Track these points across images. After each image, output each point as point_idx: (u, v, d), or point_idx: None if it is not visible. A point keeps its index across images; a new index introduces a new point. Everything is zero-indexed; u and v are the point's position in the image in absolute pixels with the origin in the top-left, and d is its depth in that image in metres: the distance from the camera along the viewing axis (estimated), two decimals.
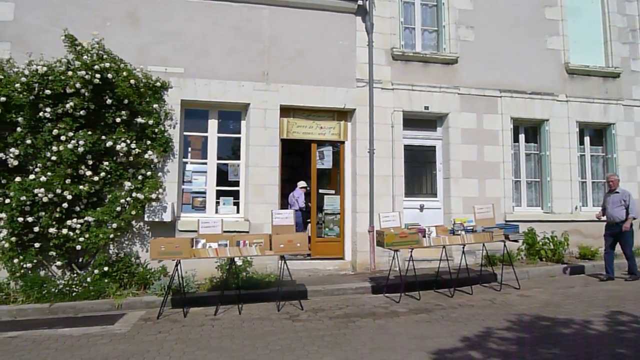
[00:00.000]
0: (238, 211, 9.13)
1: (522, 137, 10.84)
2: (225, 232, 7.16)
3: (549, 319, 6.13)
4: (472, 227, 7.78)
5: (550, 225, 10.06)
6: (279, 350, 5.16)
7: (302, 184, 11.09)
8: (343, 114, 9.85)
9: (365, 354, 4.97)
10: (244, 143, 9.25)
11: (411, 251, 7.46)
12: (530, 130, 10.95)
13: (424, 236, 7.47)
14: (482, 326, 5.85)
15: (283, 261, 7.14)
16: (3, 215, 7.41)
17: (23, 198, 7.28)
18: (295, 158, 11.61)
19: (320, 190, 9.99)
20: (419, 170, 10.32)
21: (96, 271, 7.65)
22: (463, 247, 7.84)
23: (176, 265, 6.77)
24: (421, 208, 10.00)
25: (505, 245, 8.09)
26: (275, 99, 9.15)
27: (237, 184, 9.23)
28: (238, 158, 9.30)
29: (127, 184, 7.91)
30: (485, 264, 8.79)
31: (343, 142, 9.91)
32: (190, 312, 6.83)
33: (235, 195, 9.21)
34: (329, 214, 9.96)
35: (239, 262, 7.76)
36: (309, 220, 10.72)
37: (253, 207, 8.85)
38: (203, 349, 5.24)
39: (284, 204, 10.68)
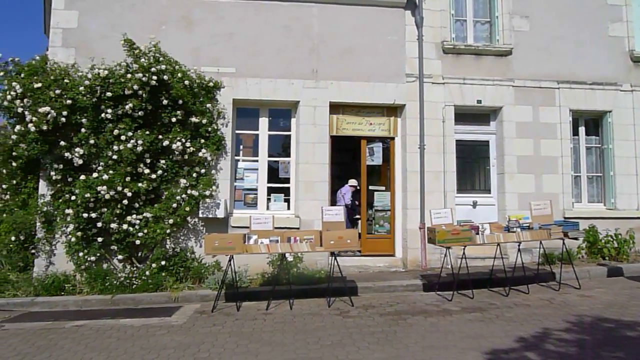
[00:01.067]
0: (289, 208, 9.25)
1: (582, 130, 10.31)
2: (276, 228, 7.27)
3: (613, 321, 5.82)
4: (528, 224, 7.51)
5: (614, 223, 9.53)
6: (330, 345, 5.19)
7: (352, 182, 11.07)
8: (393, 110, 9.75)
9: (416, 352, 4.91)
10: (294, 140, 9.36)
11: (464, 249, 7.29)
12: (591, 123, 10.41)
13: (477, 233, 7.27)
14: (540, 327, 5.64)
15: (333, 257, 7.17)
16: (69, 211, 7.87)
17: (87, 195, 7.72)
18: (345, 155, 11.60)
19: (370, 187, 9.94)
20: (472, 166, 10.06)
21: (154, 265, 7.99)
22: (519, 245, 7.56)
23: (229, 261, 6.95)
24: (474, 204, 9.75)
25: (564, 243, 7.74)
26: (325, 96, 9.19)
27: (287, 181, 9.35)
28: (288, 155, 9.42)
29: (183, 181, 8.20)
30: (542, 262, 8.46)
31: (393, 138, 9.81)
32: (243, 306, 6.99)
33: (286, 192, 9.34)
34: (379, 210, 9.90)
35: (289, 258, 7.85)
36: (356, 217, 10.71)
37: (303, 204, 8.94)
38: (255, 342, 5.35)
39: (334, 201, 10.70)
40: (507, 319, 6.08)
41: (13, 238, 8.60)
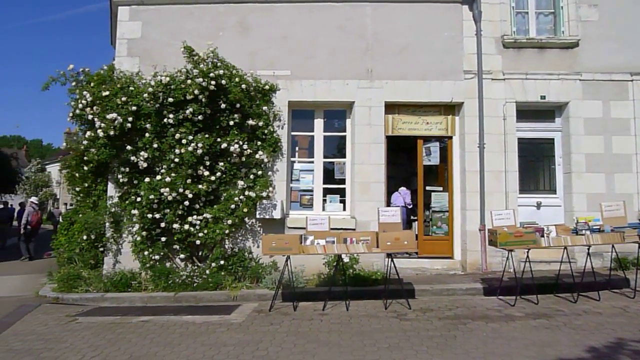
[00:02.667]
0: (344, 209, 9.23)
1: None
2: (332, 229, 7.28)
3: None
4: (598, 227, 7.03)
5: None
6: (387, 348, 5.11)
7: (403, 190, 10.86)
8: (450, 108, 9.49)
9: (477, 358, 4.74)
10: (349, 141, 9.33)
11: (527, 252, 6.96)
12: None
13: (542, 236, 6.91)
14: (612, 336, 5.28)
15: (390, 259, 7.08)
16: (135, 211, 8.27)
17: (151, 197, 8.07)
18: (400, 155, 11.42)
19: (427, 187, 9.73)
20: (535, 165, 9.60)
21: (214, 264, 8.22)
22: (588, 249, 7.11)
23: (286, 261, 7.02)
24: (538, 205, 9.30)
25: None
26: (380, 95, 9.10)
27: (343, 181, 9.34)
28: (344, 156, 9.41)
29: (240, 183, 8.39)
30: (615, 267, 7.91)
31: (451, 137, 9.54)
32: (300, 306, 7.04)
33: (342, 193, 9.33)
34: (436, 211, 9.66)
35: (345, 259, 7.83)
36: (412, 218, 10.52)
37: (359, 205, 8.89)
38: (312, 342, 5.37)
39: (390, 202, 10.57)
40: (575, 326, 5.74)
41: (85, 237, 9.15)
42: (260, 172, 8.63)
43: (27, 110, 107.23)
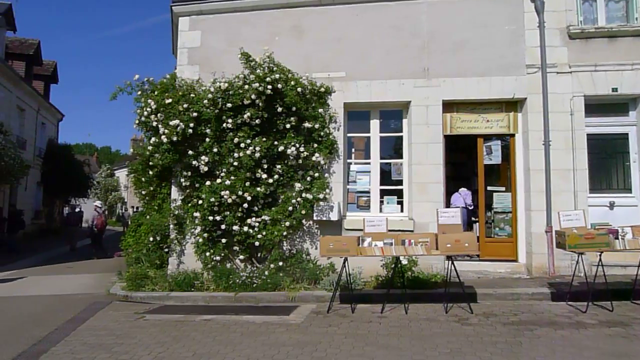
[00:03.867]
0: (402, 210, 9.09)
1: None
2: (389, 231, 7.19)
3: None
4: None
5: None
6: (448, 353, 4.97)
7: (463, 190, 10.52)
8: (512, 105, 9.11)
9: None
10: (406, 141, 9.18)
11: (600, 255, 6.54)
12: None
13: (616, 238, 6.48)
14: None
15: (450, 261, 6.88)
16: (197, 214, 8.55)
17: (212, 199, 8.32)
18: (459, 154, 11.09)
19: (489, 188, 9.38)
20: (607, 162, 9.01)
21: (272, 265, 8.35)
22: None
23: (344, 263, 7.01)
24: (611, 205, 8.72)
25: None
26: (437, 94, 8.89)
27: (400, 182, 9.20)
28: (401, 157, 9.27)
29: (297, 185, 8.47)
30: None
31: (513, 135, 9.15)
32: (358, 309, 7.00)
33: (399, 194, 9.19)
34: (498, 212, 9.29)
35: (404, 261, 7.71)
36: (474, 219, 10.17)
37: (417, 206, 8.72)
38: (371, 345, 5.31)
39: (449, 202, 10.28)
40: None
41: (151, 238, 9.58)
42: (317, 174, 8.67)
43: (97, 119, 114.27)
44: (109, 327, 6.45)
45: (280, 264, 8.36)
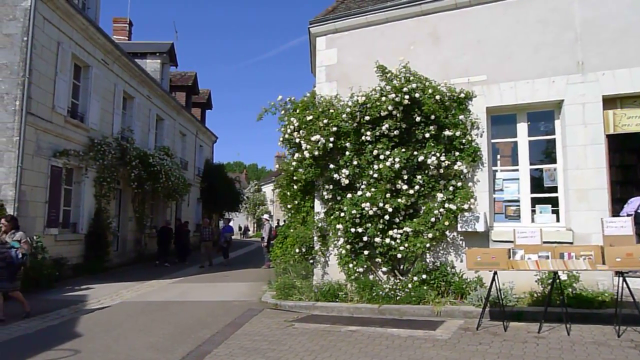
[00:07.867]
0: (558, 220, 8.24)
1: None
2: (544, 242, 6.60)
3: None
4: None
5: None
6: None
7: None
8: None
9: None
10: (560, 144, 8.34)
11: None
12: None
13: None
14: None
15: (622, 278, 6.04)
16: (339, 226, 8.76)
17: (354, 211, 8.46)
18: (628, 156, 9.75)
19: None
20: None
21: (415, 278, 8.17)
22: None
23: (493, 277, 6.58)
24: None
25: None
26: (595, 90, 7.94)
27: (554, 190, 8.36)
28: (553, 161, 8.44)
29: (439, 195, 8.22)
30: None
31: None
32: (511, 327, 6.50)
33: (554, 202, 8.36)
34: None
35: (563, 277, 6.97)
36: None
37: (576, 215, 7.84)
38: None
39: (617, 210, 9.07)
40: None
41: (297, 250, 10.07)
42: (459, 184, 8.32)
43: (244, 139, 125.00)
44: (262, 333, 6.89)
45: (424, 276, 8.14)
